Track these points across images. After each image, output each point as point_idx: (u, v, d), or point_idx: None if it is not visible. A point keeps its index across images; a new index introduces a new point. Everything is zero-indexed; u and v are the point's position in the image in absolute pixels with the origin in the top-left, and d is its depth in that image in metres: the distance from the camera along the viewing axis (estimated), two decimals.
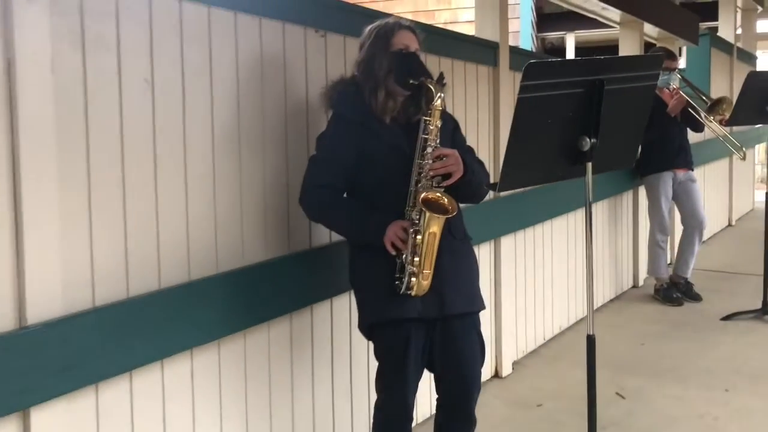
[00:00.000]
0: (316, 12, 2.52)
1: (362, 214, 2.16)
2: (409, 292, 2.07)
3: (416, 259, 2.04)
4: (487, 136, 3.50)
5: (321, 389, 2.58)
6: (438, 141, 2.07)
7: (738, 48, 7.60)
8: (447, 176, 2.05)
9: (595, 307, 4.70)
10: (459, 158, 2.04)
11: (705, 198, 6.53)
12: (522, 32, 7.69)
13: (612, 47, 7.46)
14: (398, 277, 2.08)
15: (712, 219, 6.82)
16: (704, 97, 4.54)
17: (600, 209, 4.68)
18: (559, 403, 3.23)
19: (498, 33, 3.50)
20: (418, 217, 2.04)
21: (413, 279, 2.06)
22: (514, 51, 3.71)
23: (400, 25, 2.22)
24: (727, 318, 4.29)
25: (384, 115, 2.16)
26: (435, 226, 2.02)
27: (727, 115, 4.31)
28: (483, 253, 3.48)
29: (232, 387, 2.25)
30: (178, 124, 2.07)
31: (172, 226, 2.06)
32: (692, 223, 4.70)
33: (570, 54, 9.94)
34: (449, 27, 7.93)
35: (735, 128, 6.58)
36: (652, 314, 4.52)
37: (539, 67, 1.62)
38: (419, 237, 2.03)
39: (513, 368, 3.67)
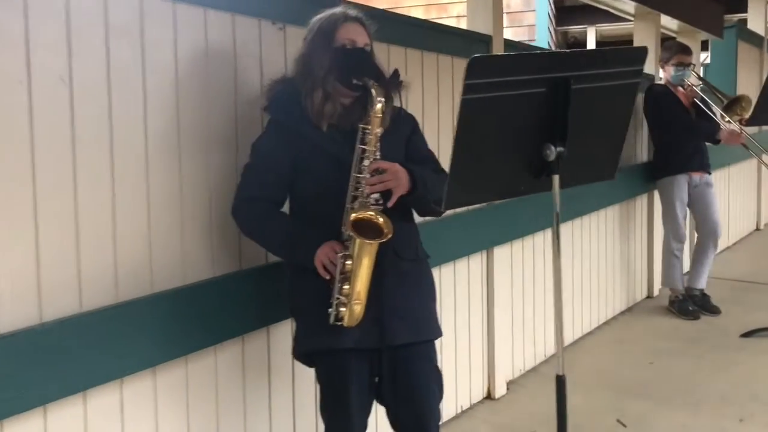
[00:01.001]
0: (273, 2, 2.28)
1: (293, 231, 1.93)
2: (339, 323, 1.84)
3: (346, 286, 1.80)
4: None
5: (280, 419, 2.35)
6: (378, 152, 1.83)
7: None
8: (389, 193, 1.80)
9: (605, 319, 4.43)
10: (400, 172, 1.80)
11: (730, 201, 6.17)
12: (538, 25, 7.36)
13: None
14: (332, 304, 1.85)
15: (738, 223, 6.45)
16: (721, 96, 4.19)
17: (612, 214, 4.37)
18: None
19: (491, 25, 3.22)
20: (349, 239, 1.80)
21: (342, 309, 1.82)
22: (510, 45, 3.43)
23: (346, 16, 1.97)
24: (747, 335, 3.96)
25: (320, 121, 1.92)
26: (367, 251, 1.78)
27: (747, 115, 3.97)
28: (474, 264, 3.22)
29: (171, 418, 2.03)
30: (103, 129, 1.85)
31: (95, 244, 1.84)
32: (706, 231, 4.36)
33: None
34: (463, 21, 7.65)
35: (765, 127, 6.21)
36: (664, 329, 4.20)
37: (486, 63, 1.36)
38: (349, 263, 1.79)
39: (508, 388, 3.40)
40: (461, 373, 3.16)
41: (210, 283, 2.11)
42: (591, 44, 9.53)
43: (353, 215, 1.79)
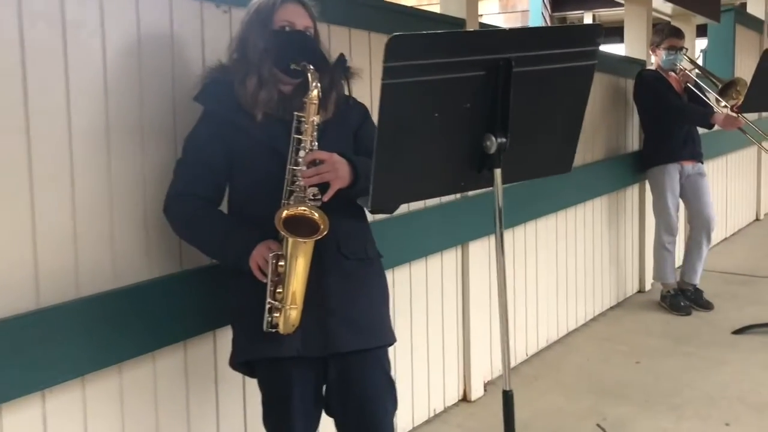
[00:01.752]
0: None
1: (227, 230, 1.78)
2: (273, 330, 1.69)
3: (279, 290, 1.65)
4: None
5: (229, 427, 2.20)
6: (315, 142, 1.68)
7: None
8: (327, 186, 1.65)
9: (593, 315, 4.27)
10: (339, 163, 1.64)
11: (728, 190, 5.98)
12: (532, 11, 7.16)
13: None
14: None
15: (737, 213, 6.26)
16: (715, 81, 4.00)
17: (601, 205, 4.20)
18: None
19: (464, 8, 3.05)
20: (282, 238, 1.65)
21: (276, 314, 1.67)
22: (488, 28, 3.24)
23: None
24: (739, 331, 3.79)
25: (254, 109, 1.76)
26: (302, 250, 1.63)
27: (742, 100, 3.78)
28: (448, 259, 3.06)
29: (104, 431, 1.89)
30: (18, 119, 1.70)
31: (11, 245, 1.69)
32: (698, 223, 4.17)
33: None
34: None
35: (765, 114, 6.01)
36: (654, 325, 4.03)
37: (410, 42, 1.20)
38: (282, 264, 1.64)
39: (485, 390, 3.24)
40: (434, 375, 3.01)
41: (146, 285, 1.96)
42: None
43: (284, 211, 1.64)
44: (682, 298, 4.19)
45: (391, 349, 1.93)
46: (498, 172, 1.36)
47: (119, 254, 1.91)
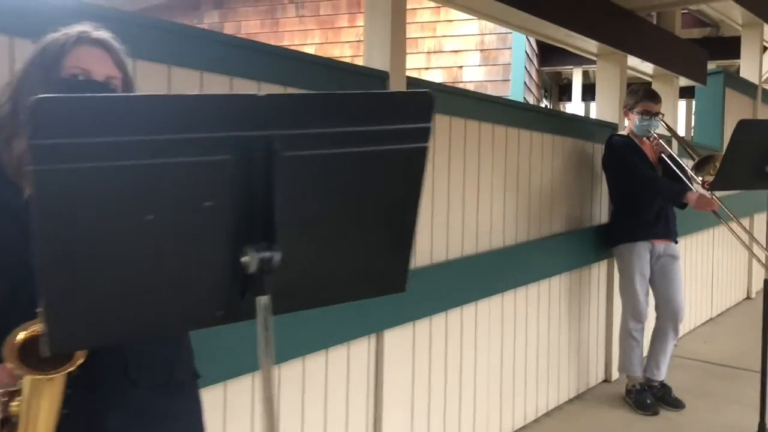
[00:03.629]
0: None
1: None
2: None
3: None
4: None
5: None
6: None
7: (765, 90, 6.56)
8: None
9: (546, 410, 3.76)
10: None
11: (715, 265, 5.49)
12: (514, 65, 6.79)
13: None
14: None
15: (725, 290, 5.75)
16: (692, 153, 3.55)
17: (559, 285, 3.72)
18: None
19: (388, 59, 2.64)
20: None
21: None
22: (416, 83, 2.83)
23: (81, 37, 1.38)
24: None
25: (22, 181, 1.32)
26: (45, 389, 1.17)
27: None
28: (357, 352, 2.58)
29: None
30: None
31: None
32: (665, 312, 3.67)
33: (577, 93, 8.97)
34: (432, 57, 7.11)
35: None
36: (615, 425, 3.51)
37: (76, 108, 0.75)
38: (15, 404, 1.18)
39: None
40: None
41: None
42: (577, 86, 8.94)
43: (19, 333, 1.18)
44: (649, 395, 3.68)
45: None
46: (263, 300, 0.91)
47: None
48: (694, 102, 6.41)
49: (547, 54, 7.99)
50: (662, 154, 3.69)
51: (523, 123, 3.42)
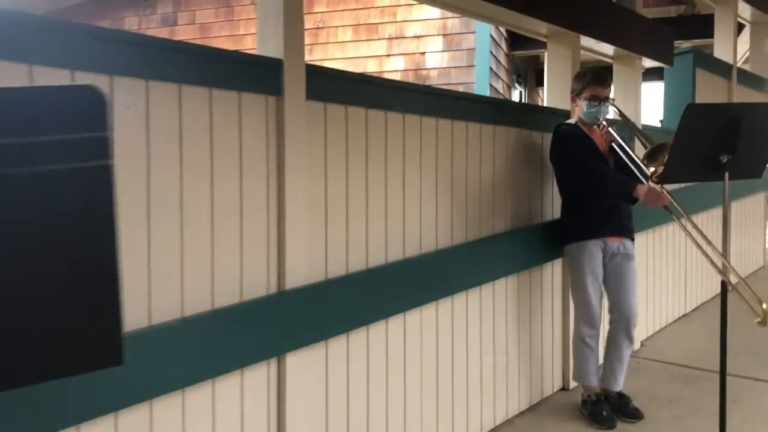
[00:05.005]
0: None
1: None
2: None
3: None
4: (264, 213, 2.29)
5: None
6: None
7: (741, 70, 6.23)
8: None
9: (493, 425, 3.46)
10: None
11: (688, 256, 5.18)
12: (478, 49, 6.46)
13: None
14: None
15: (699, 283, 5.45)
16: (645, 141, 3.23)
17: (505, 288, 3.41)
18: None
19: (282, 46, 2.31)
20: None
21: None
22: (318, 72, 2.50)
23: None
24: None
25: None
26: None
27: None
28: (252, 381, 2.26)
29: None
30: None
31: None
32: (618, 318, 3.36)
33: None
34: (394, 44, 6.77)
35: None
36: None
37: None
38: None
39: None
40: None
41: None
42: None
43: None
44: (605, 406, 3.38)
45: None
46: None
47: None
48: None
49: (517, 37, 7.65)
50: (612, 144, 3.38)
51: (457, 114, 3.10)
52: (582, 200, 3.36)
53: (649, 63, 4.62)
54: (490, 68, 6.51)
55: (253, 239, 2.26)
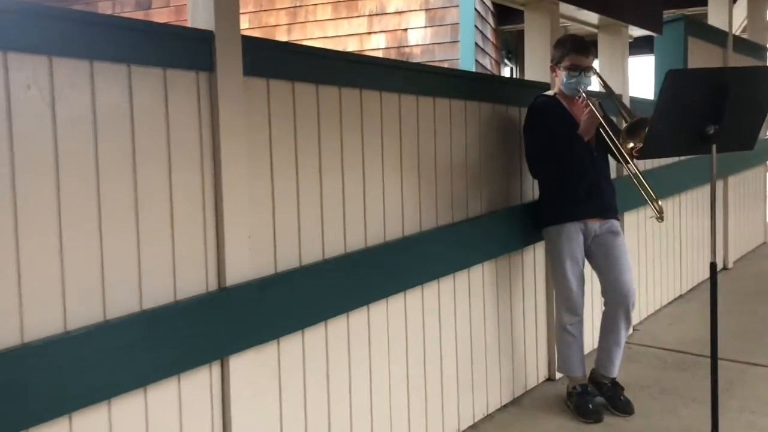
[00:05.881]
0: None
1: None
2: None
3: None
4: (200, 204, 2.07)
5: None
6: None
7: (738, 38, 5.96)
8: None
9: (473, 421, 3.24)
10: None
11: (683, 234, 4.96)
12: (462, 24, 6.19)
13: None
14: None
15: (696, 261, 5.23)
16: (625, 115, 2.99)
17: (486, 273, 3.20)
18: None
19: (212, 16, 2.08)
20: None
21: None
22: (256, 45, 2.26)
23: None
24: None
25: None
26: None
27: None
28: (191, 388, 2.05)
29: None
30: None
31: None
32: (613, 298, 3.12)
33: None
34: (375, 21, 6.50)
35: None
36: None
37: None
38: None
39: None
40: None
41: None
42: None
43: None
44: (592, 398, 3.17)
45: None
46: None
47: None
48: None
49: (506, 11, 7.36)
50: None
51: (424, 89, 2.86)
52: (557, 179, 3.13)
53: (637, 32, 4.37)
54: (476, 44, 6.25)
55: (187, 233, 2.04)
